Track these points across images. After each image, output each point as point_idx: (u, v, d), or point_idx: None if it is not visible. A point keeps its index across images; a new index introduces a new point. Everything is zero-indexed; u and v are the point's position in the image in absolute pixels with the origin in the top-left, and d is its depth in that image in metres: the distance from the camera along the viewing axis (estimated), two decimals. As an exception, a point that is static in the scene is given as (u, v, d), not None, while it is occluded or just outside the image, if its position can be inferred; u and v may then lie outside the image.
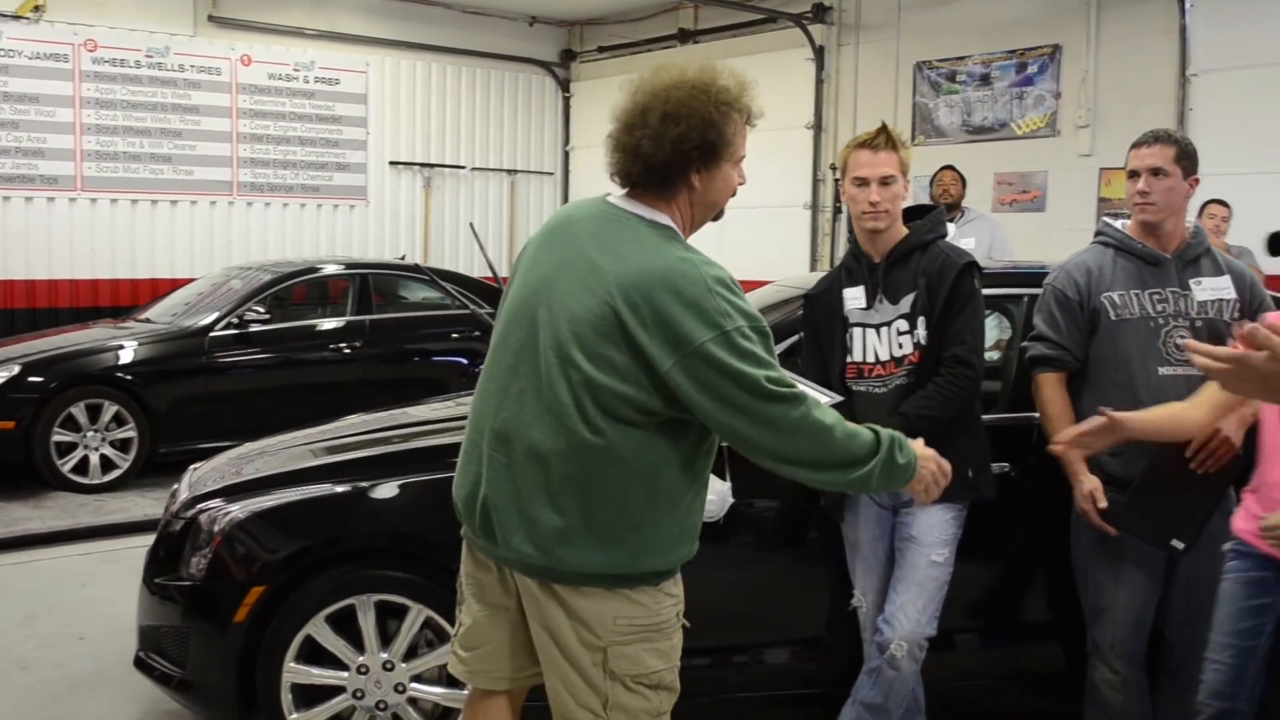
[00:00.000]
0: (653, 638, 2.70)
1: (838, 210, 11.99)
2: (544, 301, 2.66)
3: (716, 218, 2.81)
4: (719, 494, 3.81)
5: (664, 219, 2.68)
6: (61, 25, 11.07)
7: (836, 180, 11.87)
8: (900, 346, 3.65)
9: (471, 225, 6.62)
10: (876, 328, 3.70)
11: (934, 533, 3.64)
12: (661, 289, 2.52)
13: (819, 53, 12.13)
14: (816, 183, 12.25)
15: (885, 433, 2.69)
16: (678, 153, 2.62)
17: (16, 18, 10.80)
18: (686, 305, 2.50)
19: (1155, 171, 3.68)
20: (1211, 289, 3.70)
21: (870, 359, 3.70)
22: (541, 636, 2.73)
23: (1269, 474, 3.21)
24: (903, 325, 3.65)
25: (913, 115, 11.47)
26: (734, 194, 2.77)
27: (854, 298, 3.74)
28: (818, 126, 12.20)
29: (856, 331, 3.73)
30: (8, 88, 10.78)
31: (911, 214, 3.83)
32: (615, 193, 2.77)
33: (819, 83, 12.19)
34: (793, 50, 12.25)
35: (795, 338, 4.11)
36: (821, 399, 2.98)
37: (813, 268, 12.06)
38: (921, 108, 11.51)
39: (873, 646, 3.72)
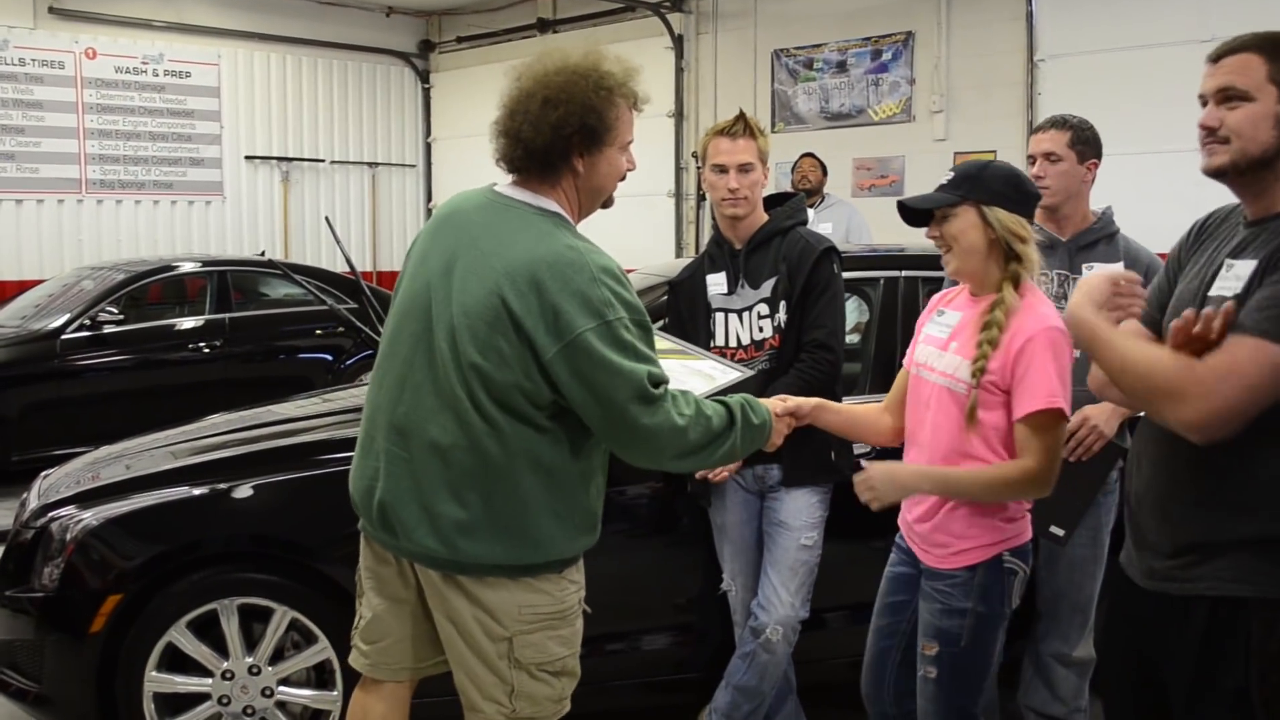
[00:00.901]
0: (557, 625, 2.73)
1: (701, 198, 12.07)
2: (435, 294, 2.66)
3: (607, 205, 2.83)
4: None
5: (551, 205, 2.69)
6: (-111, 18, 10.62)
7: (699, 168, 12.04)
8: (761, 330, 3.70)
9: (328, 219, 6.51)
10: (739, 312, 3.74)
11: (802, 516, 3.69)
12: (548, 276, 2.53)
13: (678, 41, 12.20)
14: (679, 171, 12.32)
15: (735, 400, 2.78)
16: (558, 137, 2.62)
17: None
18: (571, 294, 2.52)
19: (1049, 156, 3.76)
20: None
21: (733, 343, 3.74)
22: (446, 628, 2.74)
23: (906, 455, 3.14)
24: (763, 310, 3.70)
25: (772, 102, 11.61)
26: (623, 179, 2.79)
27: (716, 283, 3.78)
28: (679, 114, 12.28)
29: (719, 316, 3.77)
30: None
31: (772, 201, 3.88)
32: (503, 181, 2.78)
33: (679, 71, 12.26)
34: (652, 39, 12.29)
35: (660, 323, 4.13)
36: (731, 373, 3.13)
37: (678, 255, 12.13)
38: (780, 95, 11.65)
39: (745, 630, 3.77)
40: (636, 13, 12.31)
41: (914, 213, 2.96)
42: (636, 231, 12.43)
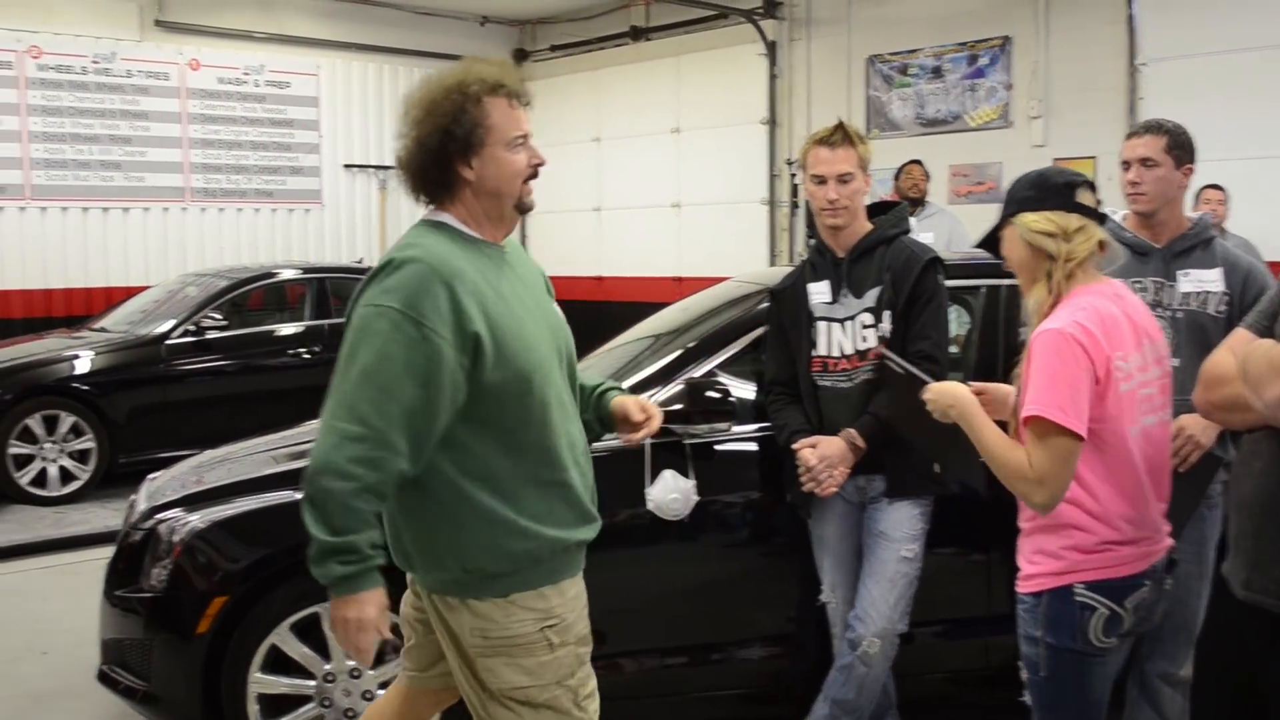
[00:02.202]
0: (512, 653, 2.62)
1: (794, 205, 12.02)
2: None
3: (523, 209, 2.72)
4: (683, 492, 3.83)
5: (443, 217, 2.67)
6: (4, 32, 10.91)
7: (793, 175, 12.00)
8: (864, 340, 3.67)
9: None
10: (841, 322, 3.71)
11: (903, 528, 3.65)
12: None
13: (771, 48, 12.14)
14: (773, 178, 12.25)
15: (357, 545, 2.47)
16: (427, 150, 2.60)
17: (-43, 25, 10.66)
18: (370, 276, 2.56)
19: (1145, 161, 3.67)
20: (1197, 280, 3.67)
21: (835, 353, 3.71)
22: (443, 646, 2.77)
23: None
24: (867, 319, 3.67)
25: (866, 109, 11.51)
26: (526, 174, 2.68)
27: (819, 292, 3.75)
28: (772, 122, 12.21)
29: (821, 325, 3.74)
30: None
31: (876, 210, 3.85)
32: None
33: (772, 78, 12.20)
34: (745, 46, 12.25)
35: (758, 331, 4.12)
36: None
37: (771, 263, 12.07)
38: (875, 101, 11.55)
39: (843, 643, 3.73)
40: (729, 20, 12.28)
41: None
42: (728, 239, 12.44)
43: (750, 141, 12.32)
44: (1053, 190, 2.84)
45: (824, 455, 3.60)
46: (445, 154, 2.60)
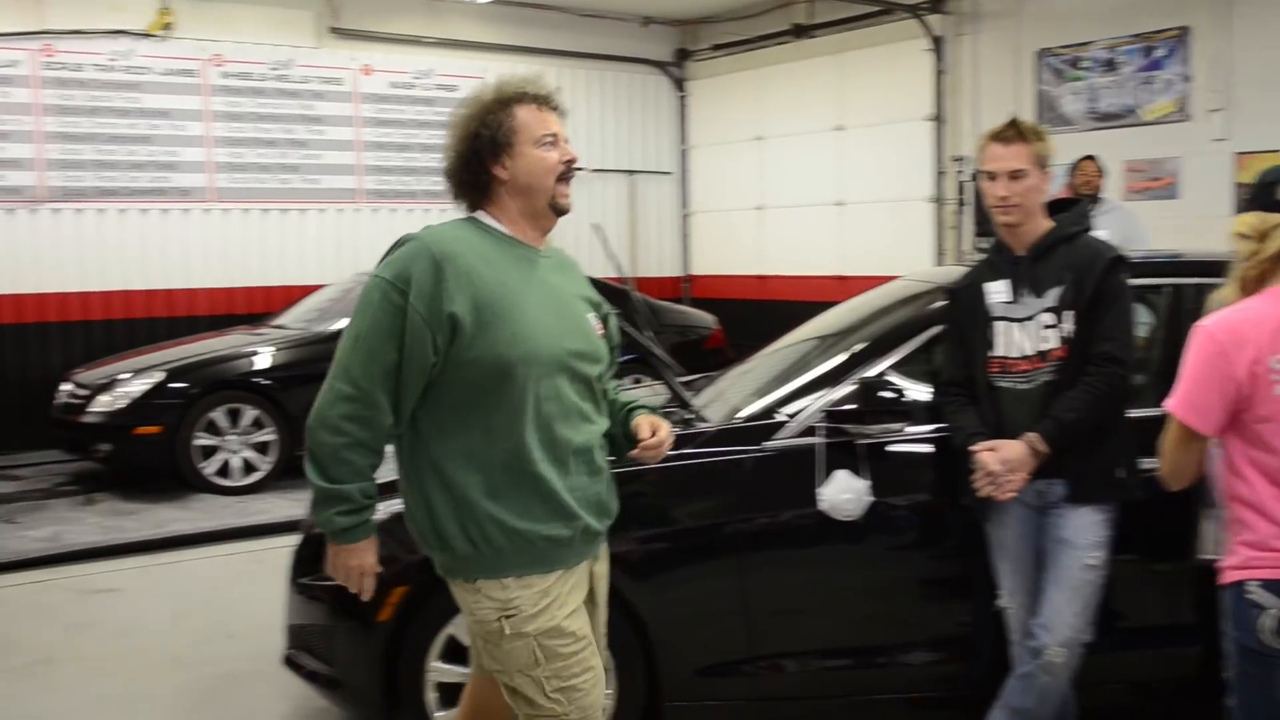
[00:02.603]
0: (485, 638, 2.80)
1: (961, 203, 11.82)
2: None
3: (558, 210, 2.89)
4: (856, 492, 3.82)
5: (479, 216, 2.87)
6: (190, 42, 11.36)
7: (959, 172, 11.80)
8: (1045, 341, 3.59)
9: (596, 226, 6.62)
10: (1020, 322, 3.64)
11: (1087, 535, 3.57)
12: None
13: (937, 43, 11.95)
14: (939, 175, 12.06)
15: (351, 494, 2.73)
16: (461, 156, 2.84)
17: (147, 35, 11.12)
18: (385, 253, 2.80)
19: None
20: None
21: (1014, 354, 3.64)
22: None
23: None
24: (1048, 319, 3.59)
25: (1037, 104, 11.24)
26: (558, 170, 2.85)
27: (997, 291, 3.69)
28: (939, 118, 12.02)
29: (1000, 326, 3.67)
30: (141, 103, 11.10)
31: (1057, 207, 3.77)
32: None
33: (938, 74, 12.00)
34: (910, 42, 12.09)
35: (931, 331, 4.07)
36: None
37: (937, 262, 11.89)
38: (1045, 96, 11.27)
39: (1024, 650, 3.65)
40: (894, 16, 12.12)
41: None
42: (893, 237, 12.29)
43: (915, 138, 12.14)
44: (1258, 189, 2.79)
45: (1004, 459, 3.54)
46: (478, 156, 2.81)
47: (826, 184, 13.05)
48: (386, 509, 4.04)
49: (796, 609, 4.05)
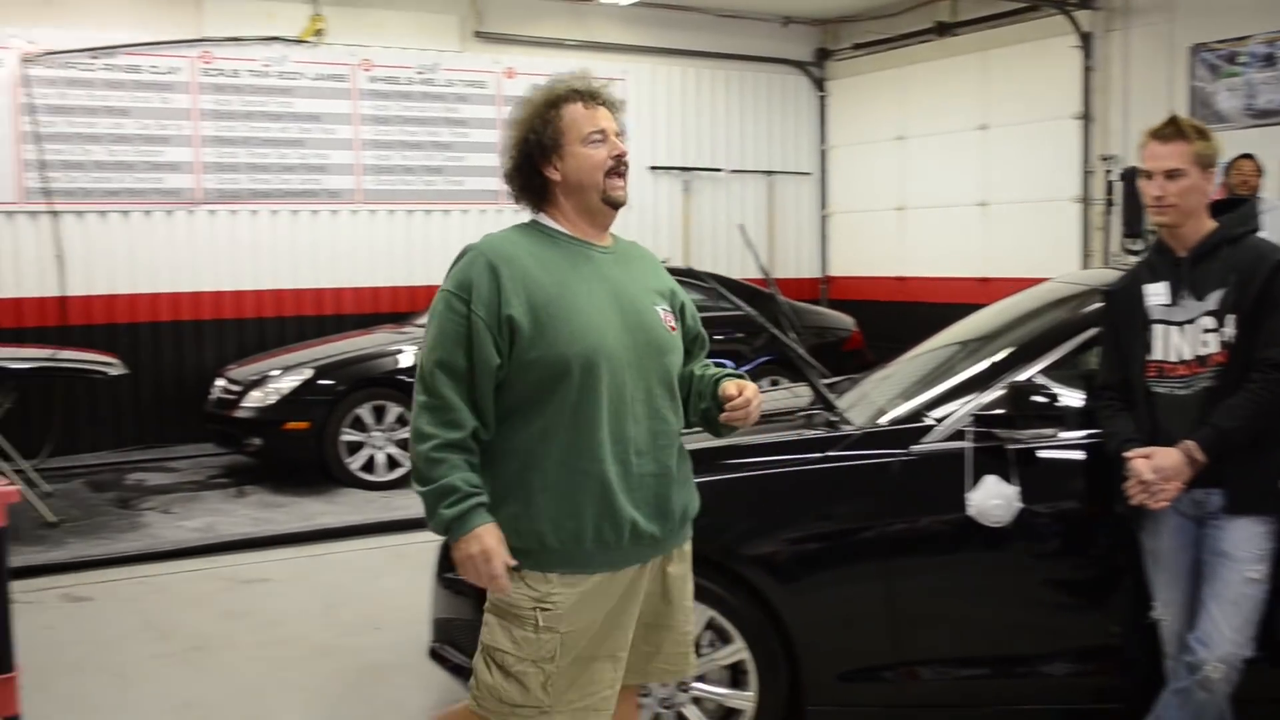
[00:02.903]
0: (507, 618, 2.83)
1: (1110, 204, 11.52)
2: None
3: (613, 203, 2.93)
4: (1006, 498, 3.76)
5: (540, 218, 2.95)
6: (340, 47, 11.65)
7: (1108, 172, 11.50)
8: (1205, 345, 3.48)
9: (741, 227, 6.64)
10: (1180, 325, 3.53)
11: (1248, 547, 3.45)
12: None
13: (1085, 40, 11.66)
14: (1086, 174, 11.77)
15: (453, 484, 2.72)
16: (517, 161, 2.92)
17: (300, 42, 11.44)
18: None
19: None
20: None
21: (1172, 358, 3.54)
22: None
23: None
24: (1209, 323, 3.48)
25: (1190, 101, 10.90)
26: (607, 165, 2.89)
27: (1156, 294, 3.59)
28: (1086, 116, 11.73)
29: (1158, 329, 3.57)
30: (293, 108, 11.42)
31: (1222, 208, 3.66)
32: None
33: (1086, 71, 11.71)
34: (1057, 38, 11.82)
35: (1086, 335, 3.99)
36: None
37: (1083, 264, 11.60)
38: (1199, 93, 10.92)
39: (1180, 665, 3.55)
40: (1040, 12, 11.87)
41: None
42: (1037, 239, 12.04)
43: (1062, 137, 11.87)
44: None
45: (1158, 467, 3.44)
46: (530, 160, 2.90)
47: (969, 184, 12.84)
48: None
49: (942, 615, 4.00)
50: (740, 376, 3.04)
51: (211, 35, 11.04)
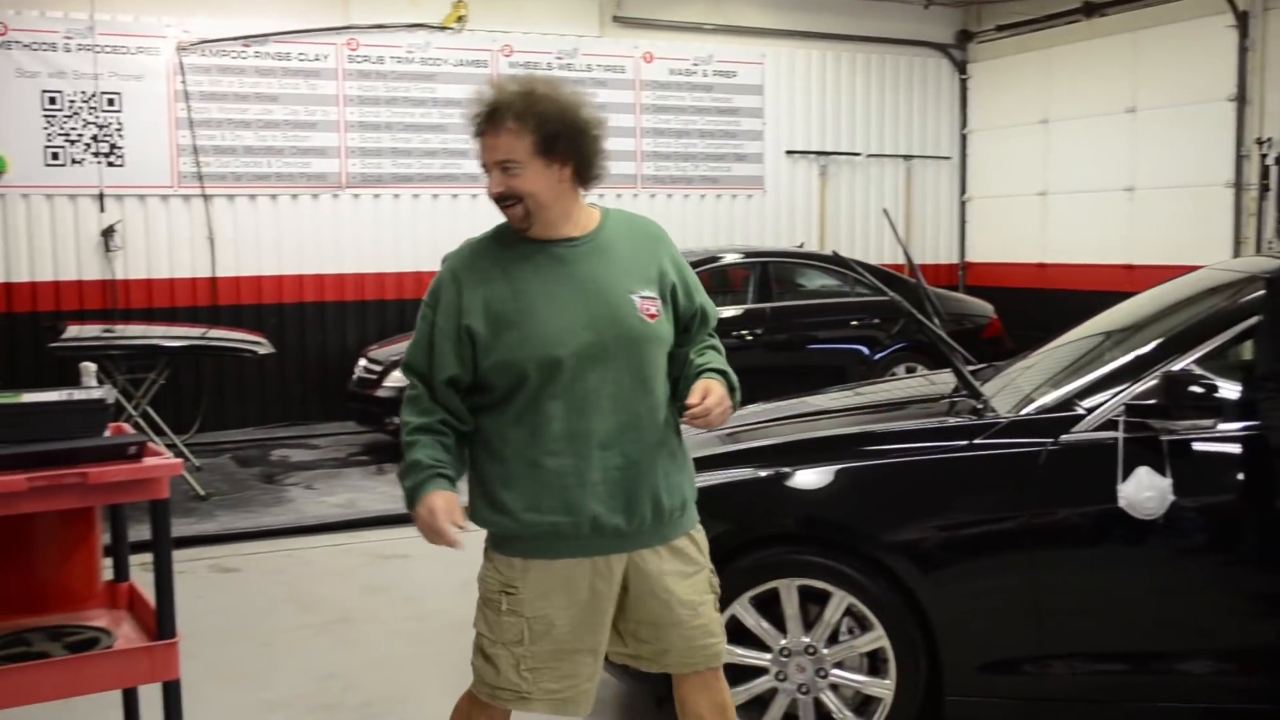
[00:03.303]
0: (484, 602, 3.00)
1: (1264, 188, 11.10)
2: None
3: (516, 230, 2.96)
4: (1159, 490, 3.66)
5: None
6: (481, 33, 11.81)
7: (1263, 156, 11.07)
8: (1376, 335, 3.35)
9: (886, 212, 6.55)
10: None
11: None
12: None
13: (1242, 19, 11.25)
14: (1240, 159, 11.36)
15: (417, 460, 2.87)
16: None
17: (443, 28, 11.63)
18: None
19: None
20: None
21: (1342, 346, 3.41)
22: None
23: None
24: (1380, 311, 3.34)
25: (1353, 82, 10.47)
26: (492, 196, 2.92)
27: (1324, 280, 3.46)
28: (1241, 99, 11.32)
29: (1326, 317, 3.44)
30: (435, 93, 11.61)
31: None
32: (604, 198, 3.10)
33: (1242, 51, 11.31)
34: (1211, 18, 11.42)
35: (1246, 323, 3.85)
36: None
37: (1235, 251, 11.21)
38: (1364, 74, 10.48)
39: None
40: (1195, -10, 11.51)
41: None
42: (1187, 224, 11.67)
43: (1214, 120, 11.48)
44: None
45: None
46: None
47: (1116, 169, 12.48)
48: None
49: (1086, 608, 3.90)
50: (721, 373, 3.02)
51: (358, 23, 11.28)
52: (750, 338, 9.55)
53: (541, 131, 2.81)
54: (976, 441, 3.95)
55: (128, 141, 10.51)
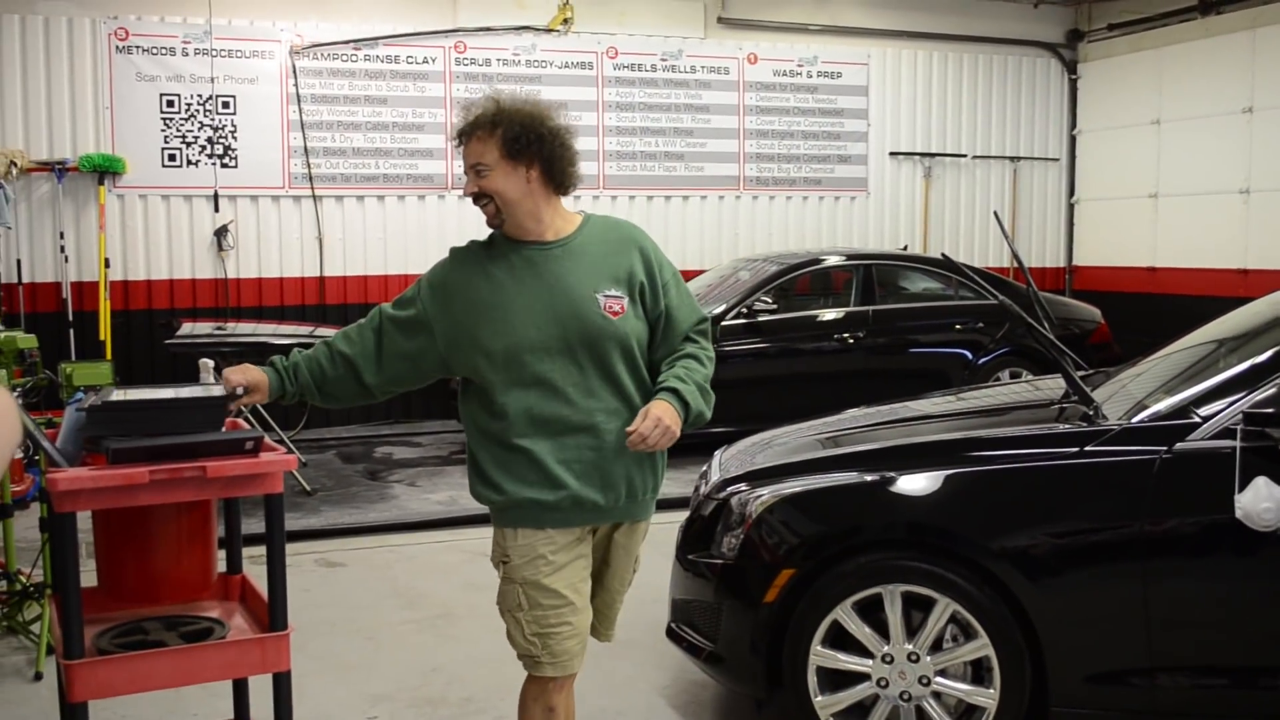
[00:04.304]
0: (504, 573, 3.25)
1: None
2: None
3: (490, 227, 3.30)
4: (1277, 501, 3.57)
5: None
6: (586, 35, 11.87)
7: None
8: None
9: (996, 214, 6.45)
10: None
11: None
12: None
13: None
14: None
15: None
16: None
17: (549, 30, 11.71)
18: None
19: None
20: None
21: None
22: None
23: None
24: None
25: None
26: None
27: None
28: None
29: None
30: (541, 95, 11.63)
31: None
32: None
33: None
34: (1335, 15, 11.10)
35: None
36: None
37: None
38: None
39: None
40: (1320, -14, 11.16)
41: None
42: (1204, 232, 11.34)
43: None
44: None
45: None
46: None
47: (1231, 170, 12.15)
48: (774, 493, 4.15)
49: (1198, 620, 3.83)
50: (673, 391, 3.15)
51: (465, 25, 11.41)
52: (852, 341, 9.48)
53: (507, 136, 3.12)
54: (1088, 449, 3.88)
55: (241, 143, 10.75)
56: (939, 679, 3.92)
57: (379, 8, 11.19)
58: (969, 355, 9.61)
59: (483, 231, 3.37)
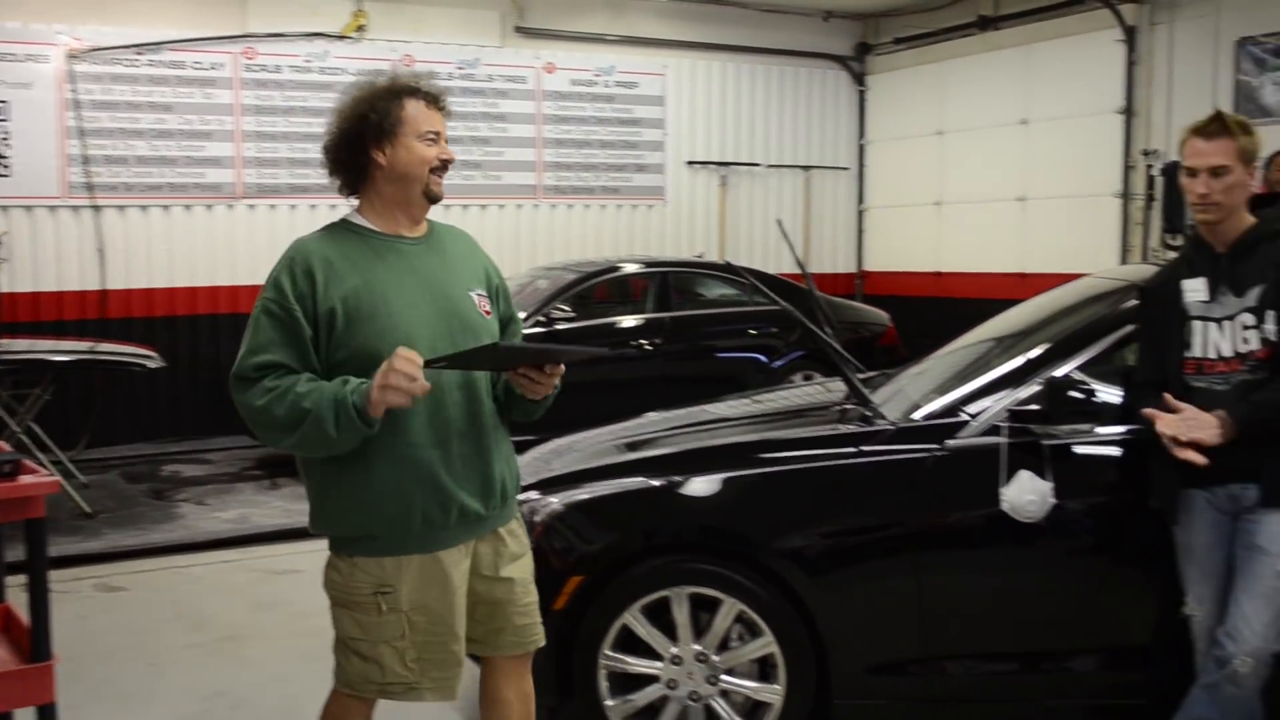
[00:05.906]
0: (350, 607, 2.96)
1: (1150, 199, 11.39)
2: None
3: (431, 198, 3.03)
4: (1040, 494, 3.73)
5: (351, 217, 3.05)
6: (381, 43, 11.67)
7: (1149, 167, 11.37)
8: (1245, 342, 3.44)
9: (779, 222, 6.61)
10: (1219, 321, 3.49)
11: (1281, 542, 3.41)
12: None
13: (1129, 33, 11.53)
14: (1127, 169, 11.65)
15: (330, 386, 2.79)
16: (345, 137, 2.97)
17: (342, 37, 11.50)
18: None
19: None
20: None
21: (1211, 354, 3.49)
22: None
23: None
24: (1248, 319, 3.43)
25: (1234, 95, 10.75)
26: (435, 165, 2.99)
27: (1194, 290, 3.54)
28: (1129, 111, 11.60)
29: (1196, 325, 3.52)
30: (334, 103, 11.44)
31: (1261, 202, 3.61)
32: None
33: (1130, 65, 11.59)
34: (1101, 32, 11.70)
35: (1123, 331, 3.94)
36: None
37: (1122, 260, 11.49)
38: (1245, 87, 10.78)
39: (1209, 660, 3.51)
40: (1085, 5, 11.75)
41: None
42: (1077, 234, 11.94)
43: (1103, 132, 11.75)
44: None
45: (1187, 417, 3.42)
46: (362, 140, 2.96)
47: (1009, 179, 12.73)
48: (562, 500, 4.15)
49: (971, 610, 3.97)
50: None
51: (255, 31, 11.10)
52: (650, 347, 9.56)
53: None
54: (865, 449, 3.99)
55: (15, 151, 10.22)
56: (727, 678, 3.98)
57: (164, 11, 10.79)
58: (764, 359, 9.80)
59: (273, 241, 3.24)
